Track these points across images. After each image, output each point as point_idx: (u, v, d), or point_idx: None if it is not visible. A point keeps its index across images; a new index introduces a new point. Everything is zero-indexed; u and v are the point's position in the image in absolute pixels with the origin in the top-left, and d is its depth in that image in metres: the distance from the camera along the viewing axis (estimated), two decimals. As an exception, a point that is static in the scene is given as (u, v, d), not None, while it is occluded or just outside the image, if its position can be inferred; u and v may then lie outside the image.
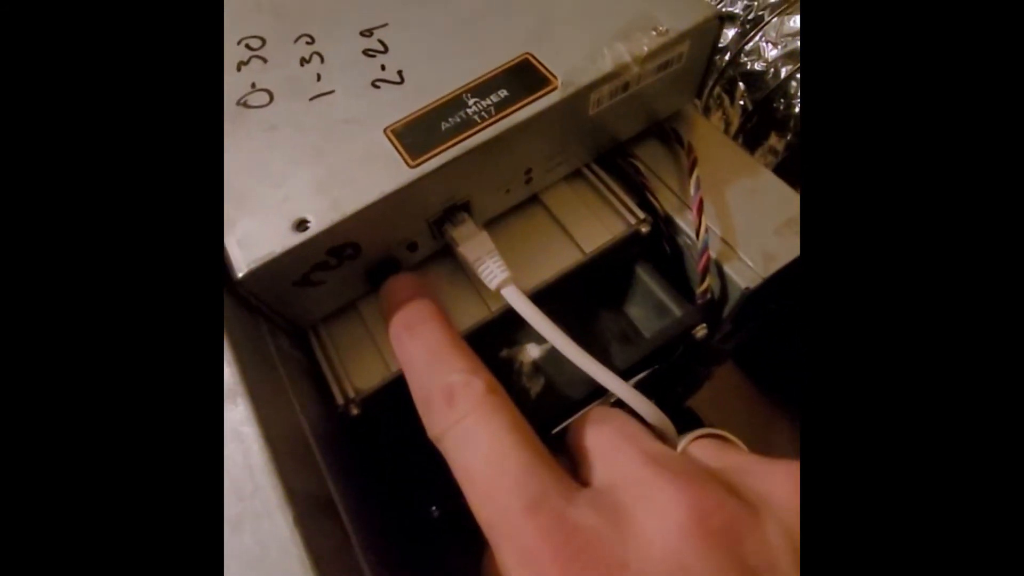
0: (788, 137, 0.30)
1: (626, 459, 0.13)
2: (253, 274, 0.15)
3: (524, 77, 0.17)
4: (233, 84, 0.18)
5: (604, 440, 0.14)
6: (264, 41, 0.19)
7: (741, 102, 0.33)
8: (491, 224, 0.20)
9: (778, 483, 0.13)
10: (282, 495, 0.11)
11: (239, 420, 0.12)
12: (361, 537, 0.15)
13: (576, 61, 0.17)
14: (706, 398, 0.31)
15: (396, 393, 0.17)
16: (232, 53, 0.19)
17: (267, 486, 0.11)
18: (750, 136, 0.32)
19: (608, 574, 0.11)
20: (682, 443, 0.14)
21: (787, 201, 0.20)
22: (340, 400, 0.17)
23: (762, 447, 0.15)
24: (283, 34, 0.19)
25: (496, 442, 0.13)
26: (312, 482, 0.13)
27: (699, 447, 0.14)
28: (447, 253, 0.19)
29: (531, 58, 0.17)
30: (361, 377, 0.18)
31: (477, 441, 0.13)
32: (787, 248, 0.19)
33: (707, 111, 0.35)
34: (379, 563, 0.15)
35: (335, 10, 0.20)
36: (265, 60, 0.19)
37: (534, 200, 0.20)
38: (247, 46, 0.19)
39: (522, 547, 0.12)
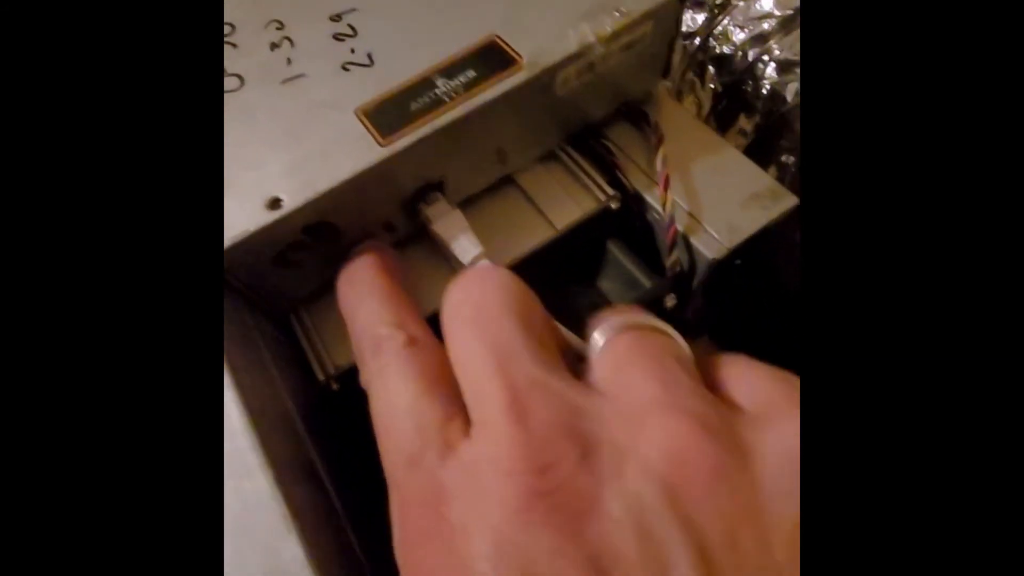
0: (757, 119, 0.30)
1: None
2: (229, 253, 0.15)
3: (491, 58, 0.17)
4: (205, 70, 0.18)
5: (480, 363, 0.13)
6: (234, 27, 0.19)
7: (711, 85, 0.33)
8: (467, 205, 0.20)
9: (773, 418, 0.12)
10: (262, 456, 0.11)
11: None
12: (348, 506, 0.16)
13: (542, 42, 0.18)
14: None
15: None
16: (203, 40, 0.19)
17: (246, 448, 0.11)
18: (721, 118, 0.33)
19: (449, 538, 0.11)
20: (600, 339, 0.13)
21: (752, 177, 0.20)
22: (321, 376, 0.18)
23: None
24: (252, 20, 0.19)
25: (397, 394, 0.13)
26: (294, 450, 0.13)
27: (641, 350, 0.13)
28: (426, 235, 0.19)
29: (498, 40, 0.18)
30: (341, 354, 0.18)
31: (384, 391, 0.13)
32: (751, 220, 0.19)
33: (680, 95, 0.36)
34: (365, 532, 0.15)
35: (304, -6, 0.20)
36: (235, 46, 0.19)
37: (509, 181, 0.21)
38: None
39: (399, 500, 0.12)
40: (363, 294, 0.16)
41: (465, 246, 0.17)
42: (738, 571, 0.10)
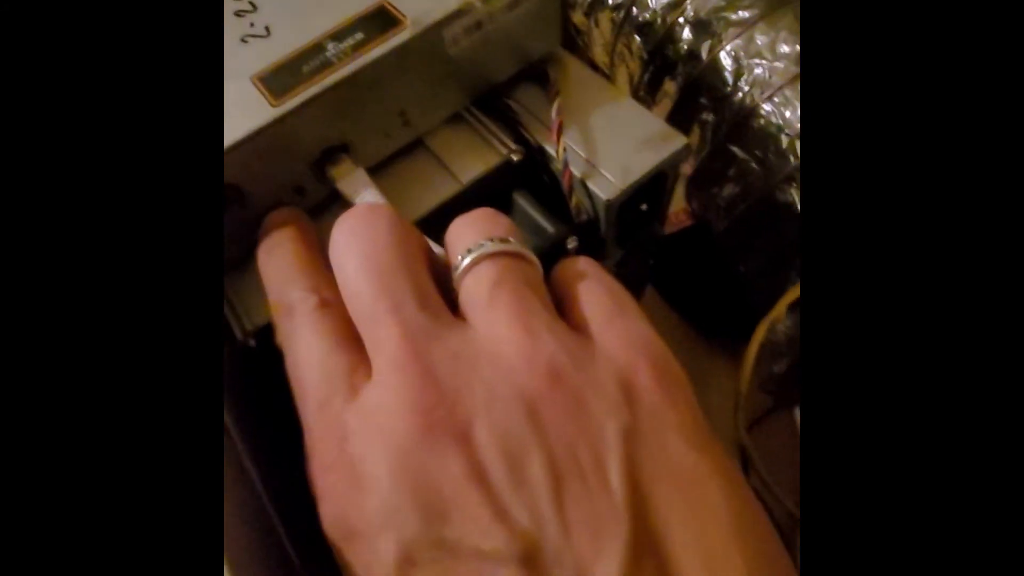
0: (679, 80, 0.32)
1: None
2: (130, 213, 0.16)
3: (378, 20, 0.18)
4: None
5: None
6: None
7: (640, 55, 0.34)
8: (379, 168, 0.21)
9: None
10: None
11: None
12: (261, 463, 0.17)
13: (427, 5, 0.19)
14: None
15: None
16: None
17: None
18: (649, 85, 0.34)
19: (350, 465, 0.13)
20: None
21: (645, 122, 0.21)
22: (240, 335, 0.19)
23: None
24: None
25: (309, 350, 0.15)
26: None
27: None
28: (338, 199, 0.20)
29: (386, 3, 0.19)
30: (258, 314, 0.19)
31: (297, 349, 0.15)
32: (644, 161, 0.20)
33: (613, 67, 0.37)
34: (279, 487, 0.16)
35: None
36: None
37: (419, 144, 0.22)
38: None
39: (310, 439, 0.14)
40: (278, 259, 0.17)
41: (368, 200, 0.18)
42: (579, 479, 0.12)
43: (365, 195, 0.18)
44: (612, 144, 0.21)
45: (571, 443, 0.12)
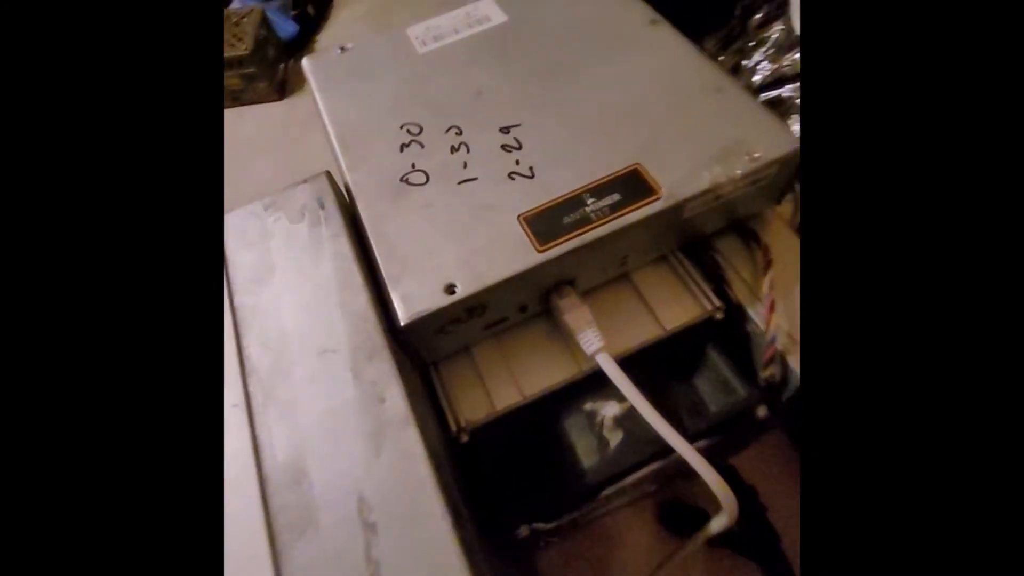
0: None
1: None
2: (411, 324, 0.19)
3: (634, 185, 0.21)
4: (398, 162, 0.23)
5: None
6: (422, 128, 0.24)
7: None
8: (586, 294, 0.23)
9: None
10: (443, 503, 0.15)
11: (410, 442, 0.16)
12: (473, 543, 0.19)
13: (678, 175, 0.21)
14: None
15: (497, 427, 0.21)
16: (396, 135, 0.24)
17: (431, 491, 0.15)
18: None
19: None
20: None
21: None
22: (453, 427, 0.21)
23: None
24: (437, 123, 0.24)
25: None
26: (452, 494, 0.17)
27: None
28: (546, 313, 0.23)
29: (640, 168, 0.21)
30: (470, 410, 0.21)
31: None
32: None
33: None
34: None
35: (479, 107, 0.24)
36: (423, 145, 0.23)
37: (625, 276, 0.24)
38: (408, 131, 0.24)
39: None
40: None
41: (591, 339, 0.20)
42: None
43: (588, 333, 0.21)
44: None
45: None
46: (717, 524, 0.20)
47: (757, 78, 0.39)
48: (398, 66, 0.26)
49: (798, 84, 0.36)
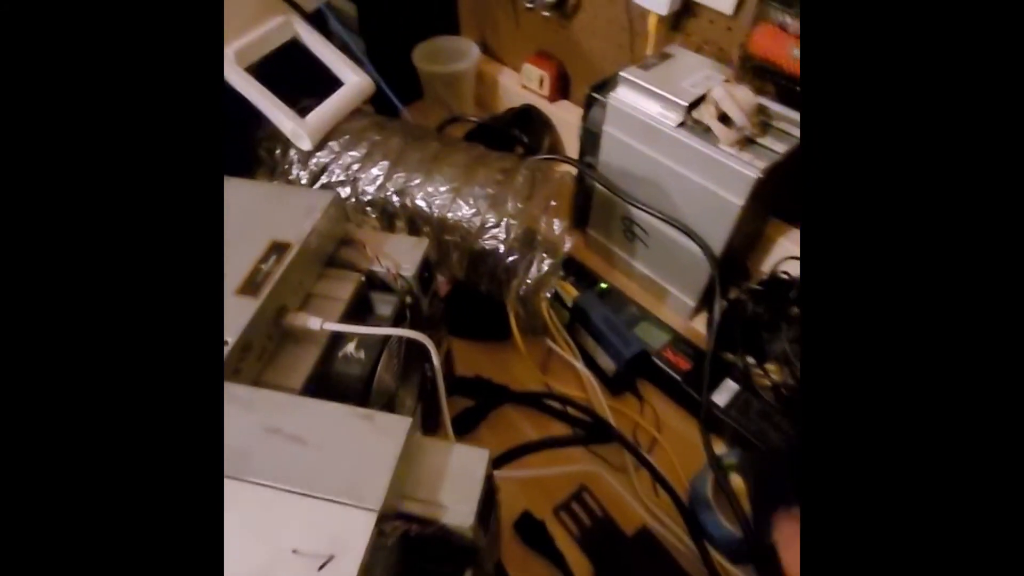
0: (403, 220, 0.59)
1: None
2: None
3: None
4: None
5: None
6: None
7: (377, 215, 0.61)
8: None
9: None
10: None
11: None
12: None
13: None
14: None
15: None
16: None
17: None
18: (389, 226, 0.60)
19: None
20: None
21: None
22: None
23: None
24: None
25: None
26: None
27: None
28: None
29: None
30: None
31: None
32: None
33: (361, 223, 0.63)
34: None
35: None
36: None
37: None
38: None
39: None
40: None
41: (313, 320, 0.38)
42: None
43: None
44: (400, 255, 0.45)
45: None
46: (435, 357, 0.41)
47: (304, 180, 0.62)
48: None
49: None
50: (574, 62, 0.82)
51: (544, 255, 0.53)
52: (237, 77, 0.56)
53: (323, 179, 0.61)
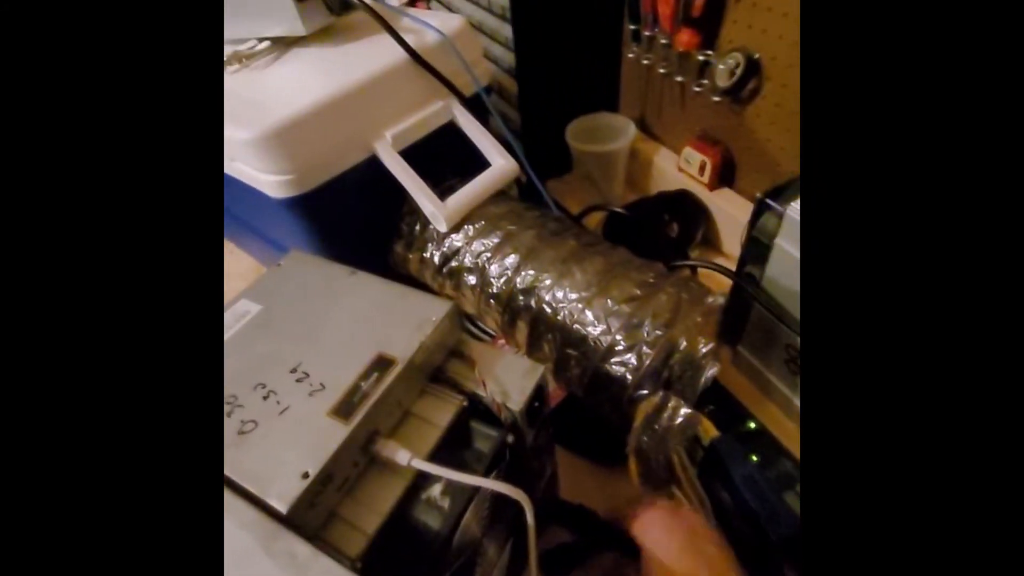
0: (526, 320, 0.54)
1: None
2: (291, 509, 0.29)
3: (383, 363, 0.36)
4: (230, 425, 0.34)
5: None
6: (236, 396, 0.35)
7: (498, 310, 0.57)
8: (388, 435, 0.37)
9: None
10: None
11: (326, 567, 0.26)
12: None
13: (401, 348, 0.37)
14: None
15: (373, 547, 0.32)
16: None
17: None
18: (509, 324, 0.56)
19: None
20: None
21: (522, 364, 0.41)
22: (348, 564, 0.31)
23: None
24: (246, 385, 0.36)
25: None
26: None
27: None
28: (371, 461, 0.35)
29: (382, 353, 0.37)
30: (351, 546, 0.32)
31: None
32: (528, 384, 0.39)
33: (481, 316, 0.59)
34: None
35: (269, 365, 0.37)
36: (243, 406, 0.35)
37: (407, 413, 0.38)
38: (227, 403, 0.35)
39: None
40: None
41: (402, 455, 0.34)
42: None
43: (400, 453, 0.34)
44: (510, 382, 0.40)
45: None
46: (529, 516, 0.34)
47: (436, 260, 0.61)
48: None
49: (466, 254, 0.58)
50: (744, 150, 0.72)
51: (678, 400, 0.43)
52: (390, 159, 0.57)
53: (453, 262, 0.59)
